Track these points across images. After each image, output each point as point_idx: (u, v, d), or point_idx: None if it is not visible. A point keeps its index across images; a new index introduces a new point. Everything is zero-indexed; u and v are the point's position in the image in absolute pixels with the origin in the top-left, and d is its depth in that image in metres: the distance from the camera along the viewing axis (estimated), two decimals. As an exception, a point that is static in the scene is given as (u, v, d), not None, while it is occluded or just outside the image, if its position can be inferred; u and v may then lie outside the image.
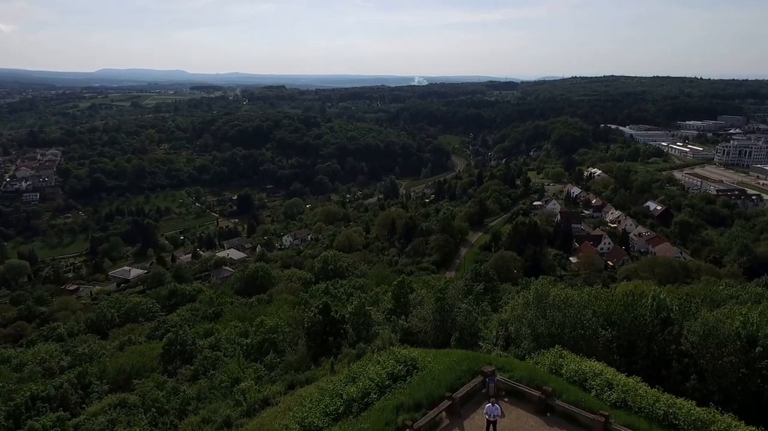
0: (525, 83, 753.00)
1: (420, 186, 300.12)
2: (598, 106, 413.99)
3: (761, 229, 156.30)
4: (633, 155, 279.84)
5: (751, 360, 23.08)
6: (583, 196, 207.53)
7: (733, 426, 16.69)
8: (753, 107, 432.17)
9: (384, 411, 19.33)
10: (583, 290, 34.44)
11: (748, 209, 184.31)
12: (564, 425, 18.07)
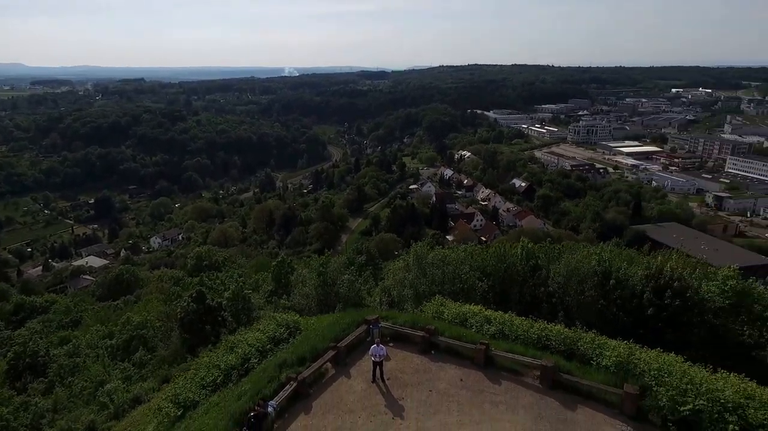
0: (396, 73, 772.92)
1: (297, 177, 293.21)
2: (465, 93, 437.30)
3: (608, 198, 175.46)
4: (498, 138, 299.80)
5: (607, 292, 25.60)
6: (455, 177, 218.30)
7: (596, 340, 17.85)
8: (596, 91, 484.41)
9: (266, 371, 18.16)
10: (459, 248, 35.34)
11: (597, 181, 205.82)
12: (448, 359, 18.30)
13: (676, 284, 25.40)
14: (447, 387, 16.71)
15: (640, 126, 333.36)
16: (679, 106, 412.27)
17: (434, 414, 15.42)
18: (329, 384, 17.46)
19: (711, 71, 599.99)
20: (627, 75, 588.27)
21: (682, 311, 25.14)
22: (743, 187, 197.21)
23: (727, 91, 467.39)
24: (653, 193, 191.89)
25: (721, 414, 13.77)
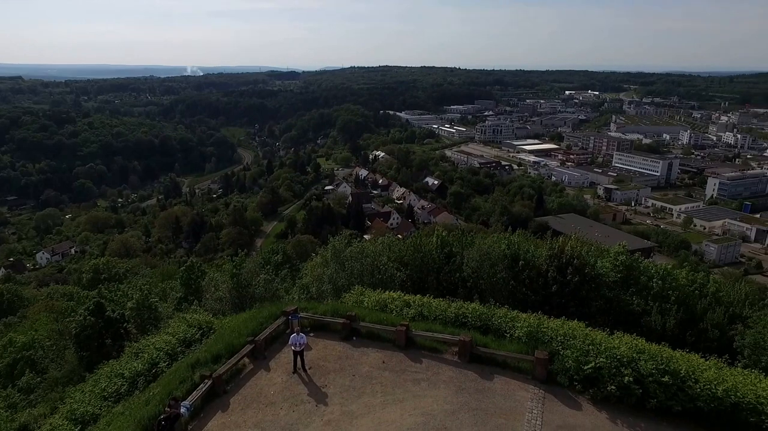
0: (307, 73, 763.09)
1: (206, 182, 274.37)
2: (377, 94, 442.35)
3: (514, 193, 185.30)
4: (410, 138, 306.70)
5: (516, 273, 27.18)
6: (370, 177, 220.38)
7: (509, 314, 18.93)
8: (500, 92, 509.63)
9: (177, 372, 17.09)
10: (377, 240, 35.67)
11: (504, 177, 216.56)
12: (370, 344, 18.42)
13: (575, 262, 27.42)
14: (370, 370, 16.83)
15: (539, 126, 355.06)
16: (572, 107, 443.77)
17: (358, 397, 15.47)
18: (248, 379, 16.90)
19: (597, 75, 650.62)
20: (526, 78, 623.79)
21: (581, 286, 27.22)
22: (628, 179, 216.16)
23: (611, 94, 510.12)
24: (553, 187, 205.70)
25: (618, 368, 15.05)
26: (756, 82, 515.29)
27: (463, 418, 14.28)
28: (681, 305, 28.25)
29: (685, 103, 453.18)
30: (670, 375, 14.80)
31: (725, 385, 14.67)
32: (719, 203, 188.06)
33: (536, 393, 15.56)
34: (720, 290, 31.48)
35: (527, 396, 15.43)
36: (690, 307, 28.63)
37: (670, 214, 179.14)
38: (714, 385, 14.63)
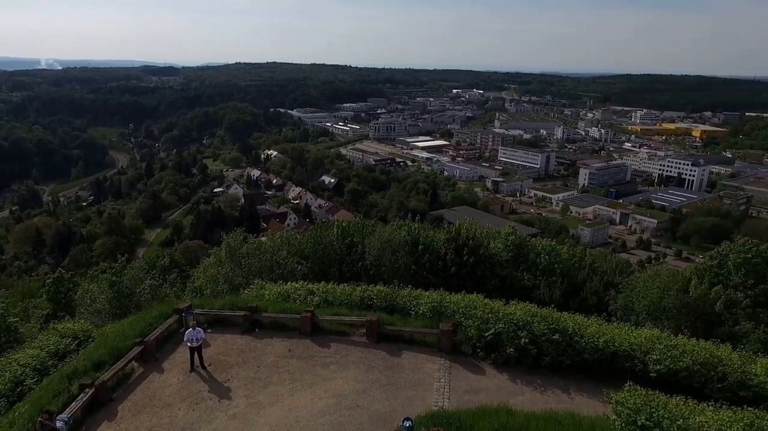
0: (187, 69, 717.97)
1: (72, 189, 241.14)
2: (266, 92, 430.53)
3: (410, 188, 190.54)
4: (304, 136, 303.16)
5: (417, 258, 28.23)
6: (263, 177, 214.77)
7: (412, 293, 19.50)
8: (391, 91, 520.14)
9: (50, 386, 15.08)
10: (276, 235, 34.89)
11: (399, 173, 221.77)
12: (274, 334, 17.92)
13: (471, 243, 28.89)
14: (276, 359, 16.38)
15: (430, 123, 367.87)
16: (460, 105, 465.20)
17: (265, 387, 15.00)
18: (138, 384, 15.54)
19: (481, 75, 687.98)
20: (416, 77, 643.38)
21: (477, 266, 28.75)
22: (512, 172, 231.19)
23: (494, 92, 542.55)
24: (446, 181, 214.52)
25: (515, 332, 16.10)
26: (614, 83, 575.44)
27: (375, 394, 14.41)
28: (565, 277, 30.84)
29: (557, 101, 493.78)
30: (559, 333, 16.10)
31: (605, 337, 16.29)
32: (590, 191, 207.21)
33: (443, 363, 16.11)
34: (595, 261, 34.78)
35: (435, 367, 15.93)
36: (572, 278, 31.33)
37: (550, 203, 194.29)
38: (596, 338, 16.20)
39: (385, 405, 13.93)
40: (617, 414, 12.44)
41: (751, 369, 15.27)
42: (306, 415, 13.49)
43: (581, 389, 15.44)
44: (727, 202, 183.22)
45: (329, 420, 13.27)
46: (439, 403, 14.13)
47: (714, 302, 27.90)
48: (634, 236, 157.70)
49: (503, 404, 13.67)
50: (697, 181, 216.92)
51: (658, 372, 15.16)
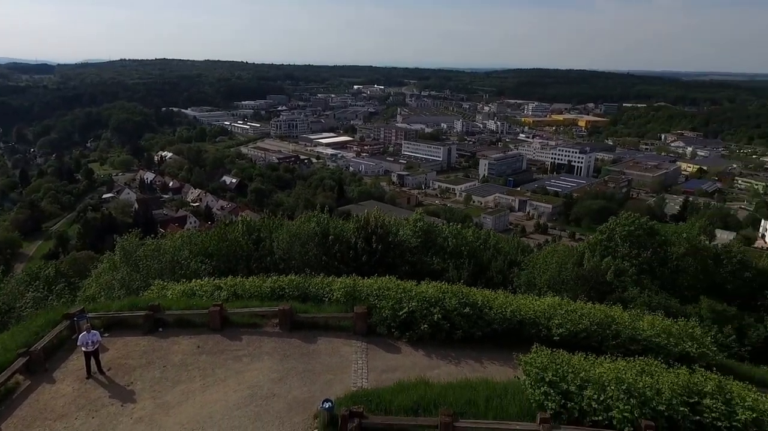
0: (64, 66, 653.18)
1: None
2: (156, 90, 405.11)
3: (316, 185, 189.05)
4: (201, 136, 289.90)
5: (327, 249, 28.09)
6: (158, 180, 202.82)
7: (325, 281, 19.38)
8: (291, 88, 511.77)
9: None
10: (176, 235, 33.08)
11: (304, 171, 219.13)
12: (180, 332, 16.86)
13: (380, 231, 29.14)
14: (184, 357, 15.44)
15: (333, 119, 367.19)
16: (362, 100, 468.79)
17: (174, 386, 14.09)
18: (25, 397, 13.92)
19: (381, 71, 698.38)
20: (316, 73, 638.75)
21: (387, 253, 29.07)
22: (416, 166, 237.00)
23: (394, 88, 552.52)
24: (352, 177, 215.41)
25: (428, 309, 16.44)
26: (507, 78, 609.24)
27: (292, 382, 14.06)
28: (471, 259, 32.12)
29: (455, 96, 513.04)
30: (470, 307, 16.68)
31: (512, 307, 17.16)
32: (490, 180, 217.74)
33: (359, 346, 16.08)
34: (499, 242, 36.61)
35: (351, 350, 15.85)
36: (478, 259, 32.73)
37: (454, 193, 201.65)
38: (504, 308, 17.01)
39: (304, 391, 13.64)
40: (526, 373, 13.11)
41: (640, 326, 16.77)
42: (220, 409, 12.84)
43: (493, 358, 16.10)
44: (611, 185, 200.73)
45: (245, 412, 12.73)
46: (358, 384, 14.08)
47: (605, 272, 30.35)
48: (532, 222, 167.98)
49: (421, 378, 13.90)
50: (585, 167, 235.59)
51: (561, 335, 16.17)
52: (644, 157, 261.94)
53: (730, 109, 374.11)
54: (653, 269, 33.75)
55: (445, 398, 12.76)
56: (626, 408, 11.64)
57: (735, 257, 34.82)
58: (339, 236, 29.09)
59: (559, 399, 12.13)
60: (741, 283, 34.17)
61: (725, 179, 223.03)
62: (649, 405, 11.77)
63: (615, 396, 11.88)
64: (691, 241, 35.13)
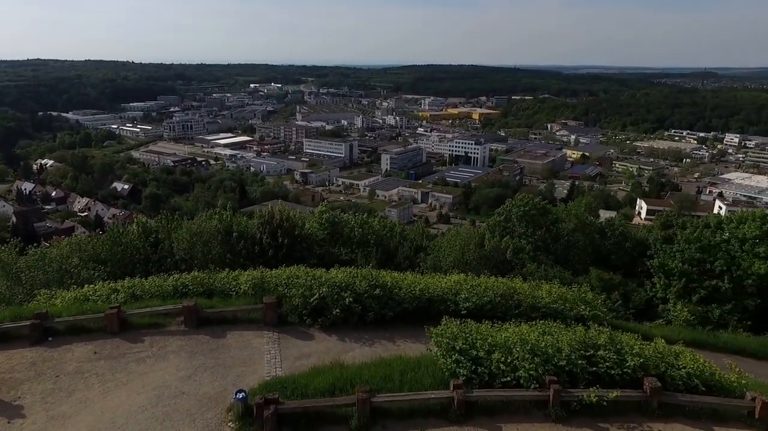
0: None
1: None
2: (30, 93, 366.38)
3: (216, 187, 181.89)
4: (86, 141, 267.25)
5: (232, 246, 27.34)
6: (39, 190, 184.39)
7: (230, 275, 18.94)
8: (183, 88, 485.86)
9: None
10: (62, 242, 30.41)
11: (203, 173, 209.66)
12: (73, 339, 15.44)
13: (285, 225, 28.68)
14: (79, 365, 14.18)
15: (230, 119, 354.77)
16: (259, 99, 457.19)
17: (69, 396, 12.90)
18: None
19: (278, 68, 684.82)
20: (209, 72, 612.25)
21: (294, 247, 28.68)
22: (319, 163, 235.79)
23: (292, 86, 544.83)
24: (254, 177, 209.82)
25: (339, 293, 16.45)
26: (402, 74, 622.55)
27: (202, 378, 13.44)
28: (379, 247, 32.59)
29: (354, 92, 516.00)
30: (380, 288, 16.91)
31: (420, 285, 17.66)
32: (392, 174, 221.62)
33: (271, 336, 15.73)
34: (404, 229, 37.45)
35: (263, 341, 15.47)
36: (386, 247, 33.26)
37: (358, 189, 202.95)
38: (413, 287, 17.45)
39: (215, 386, 13.10)
40: (437, 344, 13.56)
41: (539, 294, 17.98)
42: (123, 414, 11.96)
43: (406, 336, 16.47)
44: (506, 174, 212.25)
45: (152, 413, 11.97)
46: (272, 373, 13.78)
47: (505, 251, 32.09)
48: (435, 212, 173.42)
49: (336, 361, 13.90)
50: (481, 158, 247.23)
51: (468, 308, 16.88)
52: (534, 146, 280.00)
53: (605, 99, 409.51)
54: (547, 246, 36.25)
55: (360, 377, 12.86)
56: (531, 367, 12.43)
57: (617, 229, 38.37)
58: (243, 233, 28.24)
59: (470, 366, 12.69)
60: (623, 253, 37.70)
61: (605, 164, 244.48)
62: (552, 362, 12.66)
63: (521, 357, 12.65)
64: (579, 217, 38.18)
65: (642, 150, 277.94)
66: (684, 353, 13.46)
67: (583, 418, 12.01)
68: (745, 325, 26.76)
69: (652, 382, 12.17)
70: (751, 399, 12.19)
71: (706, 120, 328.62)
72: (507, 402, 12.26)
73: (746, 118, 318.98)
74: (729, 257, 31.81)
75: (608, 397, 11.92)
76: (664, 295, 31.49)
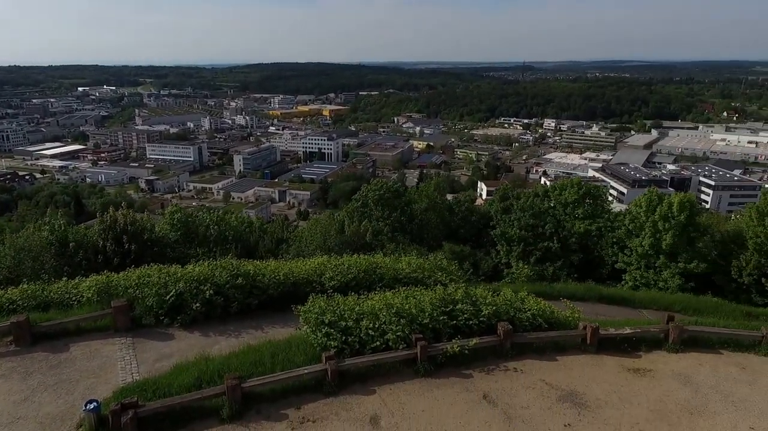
0: None
1: None
2: None
3: (45, 203, 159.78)
4: None
5: (69, 258, 24.60)
6: None
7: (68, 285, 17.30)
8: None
9: None
10: None
11: (27, 188, 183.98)
12: None
13: (131, 229, 26.33)
14: None
15: (57, 127, 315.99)
16: (90, 104, 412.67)
17: None
18: None
19: (110, 70, 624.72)
20: (26, 75, 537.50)
21: (144, 252, 26.47)
22: (166, 169, 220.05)
23: (128, 88, 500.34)
24: (91, 189, 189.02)
25: (197, 288, 15.57)
26: (249, 73, 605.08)
27: (42, 398, 11.80)
28: (238, 243, 31.47)
29: (199, 93, 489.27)
30: (242, 277, 16.32)
31: (284, 270, 17.44)
32: (247, 175, 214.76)
33: (124, 342, 14.35)
34: (263, 224, 36.64)
35: (114, 348, 14.04)
36: (245, 242, 32.23)
37: (212, 192, 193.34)
38: (277, 273, 17.15)
39: (59, 404, 11.58)
40: (306, 321, 13.51)
41: (400, 266, 18.75)
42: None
43: (274, 322, 16.13)
44: (359, 167, 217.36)
45: (-20, 446, 10.27)
46: (127, 380, 12.57)
47: (364, 234, 32.91)
48: (294, 210, 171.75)
49: (200, 356, 13.13)
50: (334, 153, 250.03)
51: (333, 286, 17.03)
52: (383, 138, 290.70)
53: (444, 92, 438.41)
54: (403, 226, 37.96)
55: (228, 367, 12.33)
56: (398, 328, 12.93)
57: (464, 205, 41.45)
58: (82, 242, 25.35)
59: (340, 337, 12.83)
60: (470, 226, 40.86)
61: (448, 152, 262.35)
62: (416, 322, 13.31)
63: (387, 321, 13.10)
64: (430, 197, 40.53)
65: (479, 137, 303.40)
66: (528, 298, 15.10)
67: (449, 368, 12.84)
68: (573, 277, 30.70)
69: (505, 326, 13.43)
70: (583, 328, 14.07)
71: (528, 108, 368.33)
72: (378, 366, 12.62)
73: (559, 105, 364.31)
74: (556, 220, 36.16)
75: (469, 345, 12.88)
76: (507, 260, 34.86)
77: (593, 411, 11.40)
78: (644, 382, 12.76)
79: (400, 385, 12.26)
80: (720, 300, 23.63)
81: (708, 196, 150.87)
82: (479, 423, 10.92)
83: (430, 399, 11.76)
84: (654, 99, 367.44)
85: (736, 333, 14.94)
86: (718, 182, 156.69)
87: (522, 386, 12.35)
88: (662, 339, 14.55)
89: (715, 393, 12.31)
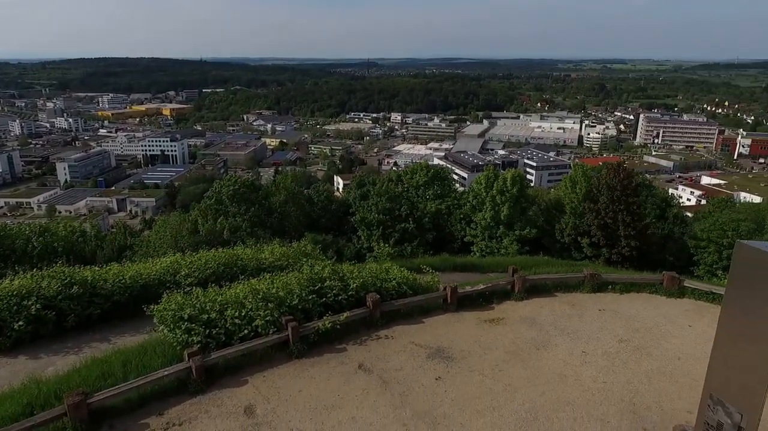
0: None
1: None
2: None
3: None
4: None
5: None
6: None
7: None
8: None
9: None
10: None
11: None
12: None
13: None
14: None
15: None
16: None
17: None
18: None
19: None
20: None
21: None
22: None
23: None
24: None
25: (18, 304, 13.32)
26: (68, 69, 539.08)
27: None
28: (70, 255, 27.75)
29: (4, 93, 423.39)
30: (78, 285, 14.28)
31: (130, 272, 15.65)
32: (76, 185, 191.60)
33: None
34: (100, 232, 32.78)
35: None
36: (78, 253, 28.59)
37: (30, 208, 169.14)
38: (122, 276, 15.32)
39: None
40: (162, 320, 12.22)
41: (263, 256, 17.98)
42: None
43: (122, 332, 14.42)
44: (209, 168, 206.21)
45: None
46: (-70, 422, 10.21)
47: (221, 232, 31.17)
48: (137, 219, 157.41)
49: (31, 379, 11.15)
50: (180, 155, 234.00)
51: (191, 284, 15.56)
52: (233, 137, 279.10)
53: (293, 89, 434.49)
54: (263, 221, 36.68)
55: (69, 385, 10.61)
56: (266, 313, 12.24)
57: (323, 194, 41.30)
58: None
59: (203, 331, 11.78)
60: (330, 215, 40.88)
61: (302, 148, 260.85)
62: (285, 304, 12.74)
63: (254, 307, 12.34)
64: (288, 188, 39.68)
65: (331, 133, 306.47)
66: (392, 267, 15.54)
67: (323, 346, 12.57)
68: (429, 254, 32.38)
69: (373, 296, 13.55)
70: (443, 290, 14.93)
71: (375, 103, 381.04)
72: (249, 355, 11.84)
73: (403, 99, 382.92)
74: (410, 203, 37.76)
75: (340, 320, 12.71)
76: (368, 244, 35.54)
77: (459, 362, 12.09)
78: (499, 329, 13.95)
79: (274, 370, 11.67)
80: (550, 258, 27.23)
81: (532, 175, 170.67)
82: (357, 392, 10.86)
83: (306, 378, 11.38)
84: (483, 93, 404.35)
85: (564, 277, 17.31)
86: (538, 162, 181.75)
87: (393, 351, 12.59)
88: (510, 290, 16.16)
89: (554, 329, 13.96)
